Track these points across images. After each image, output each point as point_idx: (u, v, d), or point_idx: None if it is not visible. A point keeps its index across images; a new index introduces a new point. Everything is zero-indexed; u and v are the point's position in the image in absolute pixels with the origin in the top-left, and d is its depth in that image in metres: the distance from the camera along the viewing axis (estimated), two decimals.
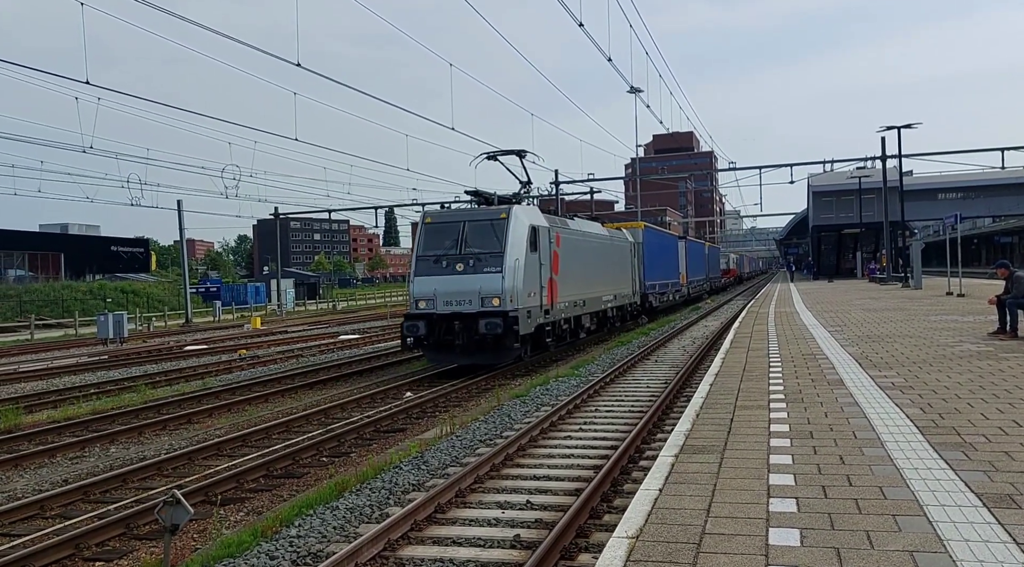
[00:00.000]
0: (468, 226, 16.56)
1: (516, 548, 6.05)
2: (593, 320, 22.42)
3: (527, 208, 17.94)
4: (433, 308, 16.13)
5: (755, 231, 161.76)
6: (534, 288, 16.82)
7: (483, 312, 15.68)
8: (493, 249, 16.16)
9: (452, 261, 16.29)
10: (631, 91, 39.70)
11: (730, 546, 3.96)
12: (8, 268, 59.92)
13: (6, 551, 6.71)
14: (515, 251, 16.14)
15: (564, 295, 18.97)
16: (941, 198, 61.95)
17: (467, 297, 15.91)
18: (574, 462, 8.67)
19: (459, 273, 16.14)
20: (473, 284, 15.92)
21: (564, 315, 19.09)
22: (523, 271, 16.16)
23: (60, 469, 9.91)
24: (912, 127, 38.17)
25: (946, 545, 3.83)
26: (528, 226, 16.79)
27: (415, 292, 16.42)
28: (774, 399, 8.13)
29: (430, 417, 12.43)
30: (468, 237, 16.41)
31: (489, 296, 15.73)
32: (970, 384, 8.43)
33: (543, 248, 17.55)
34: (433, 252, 16.57)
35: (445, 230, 16.75)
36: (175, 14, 15.87)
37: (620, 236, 26.96)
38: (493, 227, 16.39)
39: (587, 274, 21.45)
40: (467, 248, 16.33)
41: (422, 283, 16.36)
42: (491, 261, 16.02)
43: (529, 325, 16.41)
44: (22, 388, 17.96)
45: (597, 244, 23.08)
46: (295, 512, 6.99)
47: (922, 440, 6.00)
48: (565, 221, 20.72)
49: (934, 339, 13.14)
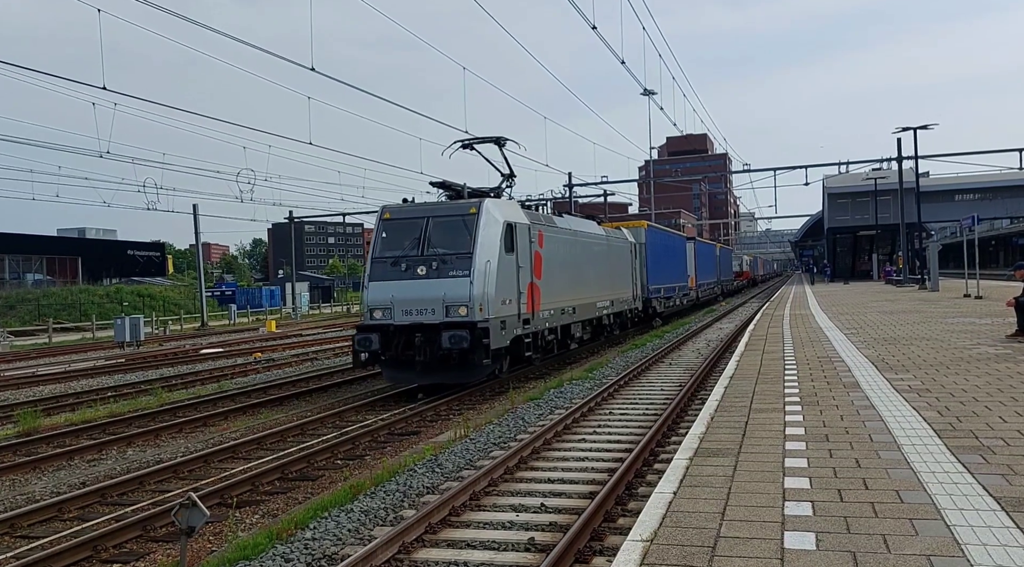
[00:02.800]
0: (432, 223, 14.50)
1: (530, 551, 6.05)
2: (586, 329, 20.60)
3: (502, 202, 15.86)
4: (390, 318, 14.12)
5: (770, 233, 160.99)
6: (510, 294, 14.82)
7: (447, 323, 13.70)
8: (460, 249, 14.10)
9: (413, 263, 14.22)
10: (645, 93, 39.64)
11: (745, 549, 3.94)
12: (26, 272, 60.56)
13: (25, 553, 6.78)
14: (486, 252, 14.11)
15: (548, 302, 16.98)
16: (958, 199, 61.44)
17: (429, 305, 13.90)
18: (588, 465, 8.66)
19: (420, 277, 14.10)
20: (436, 290, 13.91)
21: (549, 324, 17.12)
22: (496, 275, 14.16)
23: (78, 471, 10.00)
24: (928, 128, 37.90)
25: (964, 549, 3.80)
26: (502, 223, 14.70)
27: (368, 299, 14.43)
28: (789, 402, 8.09)
29: (444, 420, 12.45)
30: (432, 235, 14.38)
31: (455, 304, 13.76)
32: (988, 387, 8.35)
33: (522, 248, 15.49)
34: (391, 253, 14.53)
35: (405, 227, 14.70)
36: (191, 20, 16.00)
37: (619, 236, 24.99)
38: (461, 224, 14.37)
39: (578, 278, 19.45)
40: (430, 248, 14.28)
41: (377, 289, 14.34)
42: (458, 263, 14.00)
43: (503, 337, 14.45)
44: (40, 391, 18.14)
45: (590, 244, 21.04)
46: (310, 515, 7.02)
47: (939, 443, 5.95)
48: (551, 218, 18.65)
49: (951, 342, 13.03)
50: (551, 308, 17.16)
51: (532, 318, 15.92)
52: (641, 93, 39.62)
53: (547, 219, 18.03)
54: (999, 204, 62.02)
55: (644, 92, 38.96)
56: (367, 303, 14.48)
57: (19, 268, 60.49)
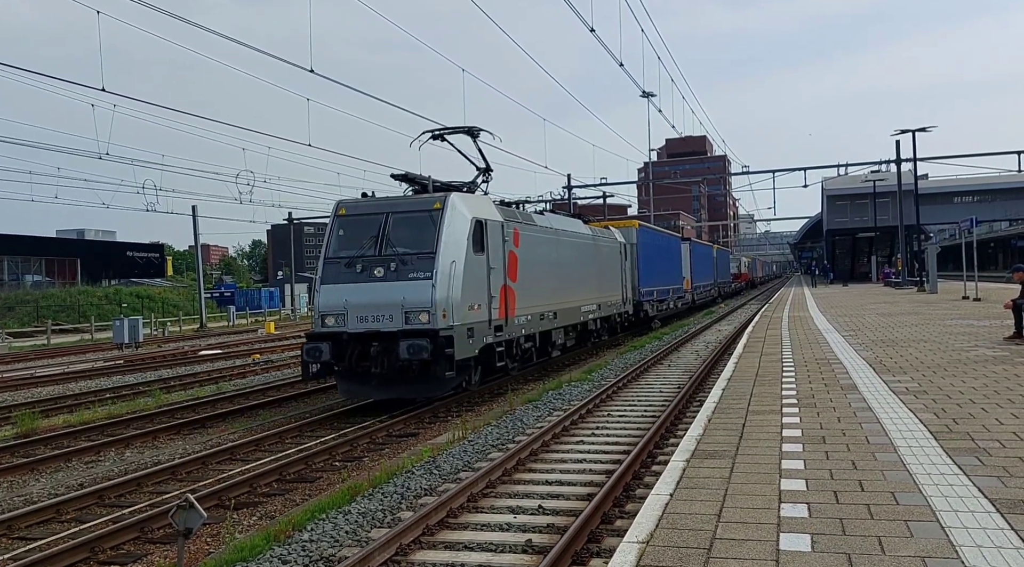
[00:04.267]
0: (392, 219, 13.14)
1: (528, 553, 6.06)
2: (570, 335, 19.34)
3: (471, 197, 14.40)
4: (343, 325, 12.76)
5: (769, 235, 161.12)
6: (479, 299, 13.50)
7: (406, 331, 12.38)
8: (422, 249, 12.78)
9: (369, 264, 12.88)
10: (643, 95, 39.71)
11: (741, 551, 3.96)
12: (25, 273, 60.53)
13: (23, 554, 6.78)
14: (451, 251, 12.80)
15: (525, 306, 15.70)
16: (957, 201, 61.53)
17: (386, 311, 12.56)
18: (586, 467, 8.66)
19: (378, 280, 12.76)
20: (394, 294, 12.57)
21: (525, 331, 15.84)
22: (462, 277, 12.83)
23: (76, 473, 10.00)
24: (927, 130, 37.95)
25: (959, 551, 3.81)
26: (470, 219, 13.36)
27: (320, 304, 13.08)
28: (787, 404, 8.11)
29: (442, 422, 12.46)
30: (391, 233, 13.03)
31: (415, 310, 12.45)
32: (985, 389, 8.37)
33: (493, 248, 14.14)
34: (346, 253, 13.19)
35: (362, 224, 13.33)
36: (190, 21, 16.03)
37: (607, 236, 23.68)
38: (423, 221, 13.01)
39: (560, 280, 18.18)
40: (389, 247, 12.95)
41: (329, 293, 13.01)
42: (419, 264, 12.67)
43: (470, 347, 13.14)
44: (39, 393, 18.14)
45: (575, 244, 19.70)
46: (308, 516, 7.02)
47: (935, 445, 5.96)
48: (529, 215, 17.34)
49: (949, 343, 13.05)
50: (528, 313, 15.94)
51: (505, 324, 14.65)
52: (640, 95, 39.69)
53: (525, 216, 16.80)
54: (998, 206, 62.11)
55: (643, 94, 39.03)
56: (318, 309, 13.12)
57: (18, 269, 60.47)
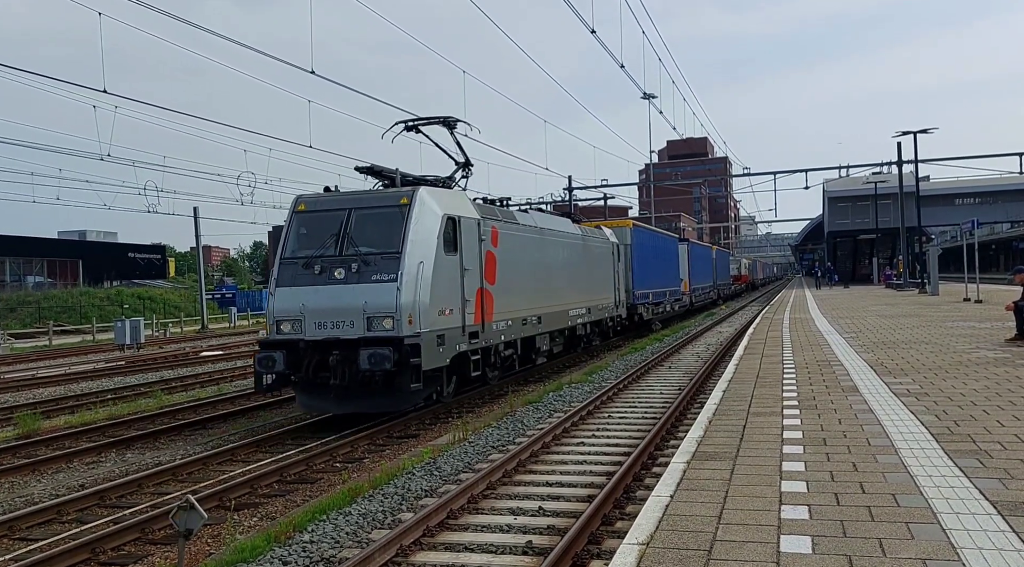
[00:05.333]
0: (355, 216, 12.10)
1: (528, 554, 6.06)
2: (556, 340, 18.40)
3: (442, 192, 13.30)
4: (299, 332, 11.72)
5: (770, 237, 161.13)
6: (451, 303, 12.48)
7: (368, 339, 11.31)
8: (387, 248, 11.73)
9: (329, 265, 11.84)
10: (644, 97, 39.73)
11: (741, 553, 3.95)
12: (27, 274, 60.59)
13: (24, 555, 6.79)
14: (419, 251, 11.77)
15: (504, 310, 14.64)
16: (958, 203, 61.52)
17: (347, 317, 11.51)
18: (587, 468, 8.66)
19: (338, 282, 11.71)
20: (356, 298, 11.51)
21: (505, 337, 14.77)
22: (431, 279, 11.82)
23: (77, 474, 10.01)
24: (928, 132, 37.96)
25: (960, 553, 3.81)
26: (441, 216, 12.32)
27: (275, 309, 12.01)
28: (787, 406, 8.10)
29: (443, 423, 12.46)
30: (354, 231, 12.01)
31: (378, 315, 11.40)
32: (986, 391, 8.37)
33: (468, 247, 13.13)
34: (304, 253, 12.15)
35: (322, 221, 12.30)
36: (192, 23, 16.04)
37: (599, 236, 22.60)
38: (389, 217, 11.99)
39: (545, 282, 17.18)
40: (351, 247, 11.90)
41: (285, 296, 11.94)
42: (383, 265, 11.63)
43: (440, 355, 12.13)
44: (40, 393, 18.15)
45: (562, 244, 18.63)
46: (308, 518, 7.02)
47: (936, 447, 5.96)
48: (511, 213, 16.21)
49: (950, 345, 13.04)
50: (508, 318, 14.87)
51: (482, 330, 13.62)
52: (641, 97, 39.72)
53: (505, 214, 15.75)
54: (999, 208, 62.08)
55: (644, 96, 39.06)
56: (272, 314, 12.07)
57: (20, 270, 60.52)
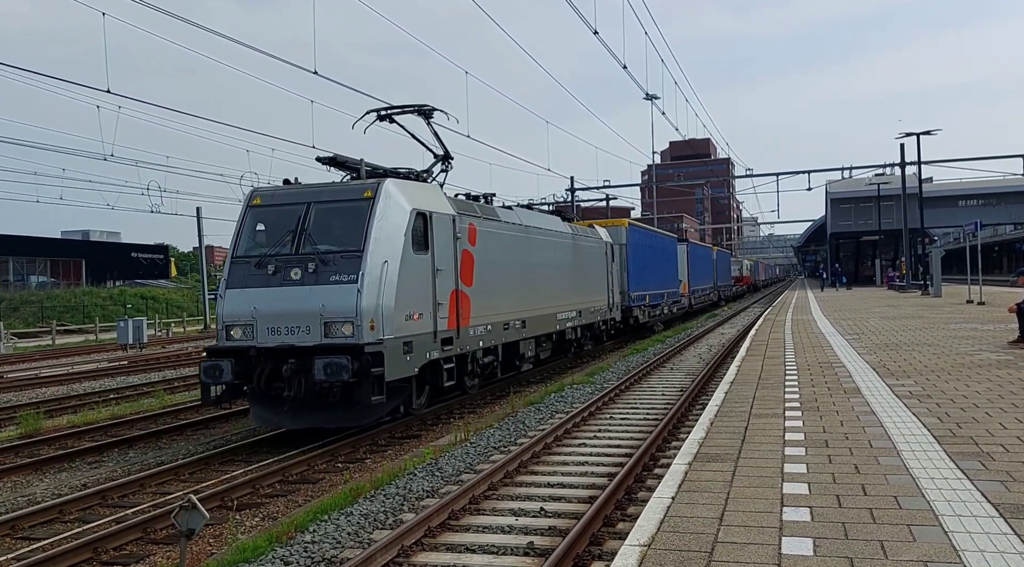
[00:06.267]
0: (314, 211, 11.11)
1: (529, 555, 6.06)
2: (543, 346, 17.38)
3: (412, 184, 12.18)
4: (251, 338, 10.70)
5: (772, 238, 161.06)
6: (420, 306, 11.47)
7: (325, 346, 10.29)
8: (348, 246, 10.71)
9: (284, 265, 10.80)
10: (647, 98, 39.71)
11: (742, 555, 3.95)
12: (31, 274, 60.71)
13: (26, 554, 6.80)
14: (384, 249, 10.75)
15: (483, 314, 13.65)
16: (961, 205, 61.49)
17: (303, 321, 10.49)
18: (588, 470, 8.66)
19: (293, 284, 10.68)
20: (312, 301, 10.49)
21: (484, 343, 13.78)
22: (397, 280, 10.80)
23: (79, 473, 10.02)
24: (931, 134, 37.93)
25: (961, 555, 3.80)
26: (409, 211, 11.30)
27: (224, 313, 10.96)
28: (789, 407, 8.10)
29: (444, 424, 12.46)
30: (313, 228, 10.99)
31: (337, 320, 10.39)
32: (989, 393, 8.36)
33: (441, 245, 12.11)
34: (258, 252, 11.14)
35: (279, 216, 11.28)
36: (195, 23, 16.06)
37: (591, 235, 21.55)
38: (351, 212, 10.98)
39: (530, 283, 16.15)
40: (309, 245, 10.88)
41: (236, 299, 10.90)
42: (343, 265, 10.60)
43: (408, 365, 11.08)
44: (43, 393, 18.18)
45: (550, 243, 17.62)
46: (310, 518, 7.03)
47: (939, 449, 5.95)
48: (492, 209, 15.12)
49: (953, 347, 13.03)
50: (487, 322, 13.89)
51: (457, 336, 12.58)
52: (643, 97, 39.71)
53: (485, 210, 14.62)
54: (1002, 210, 62.03)
55: (646, 96, 39.02)
56: (221, 318, 11.03)
57: (23, 270, 60.64)
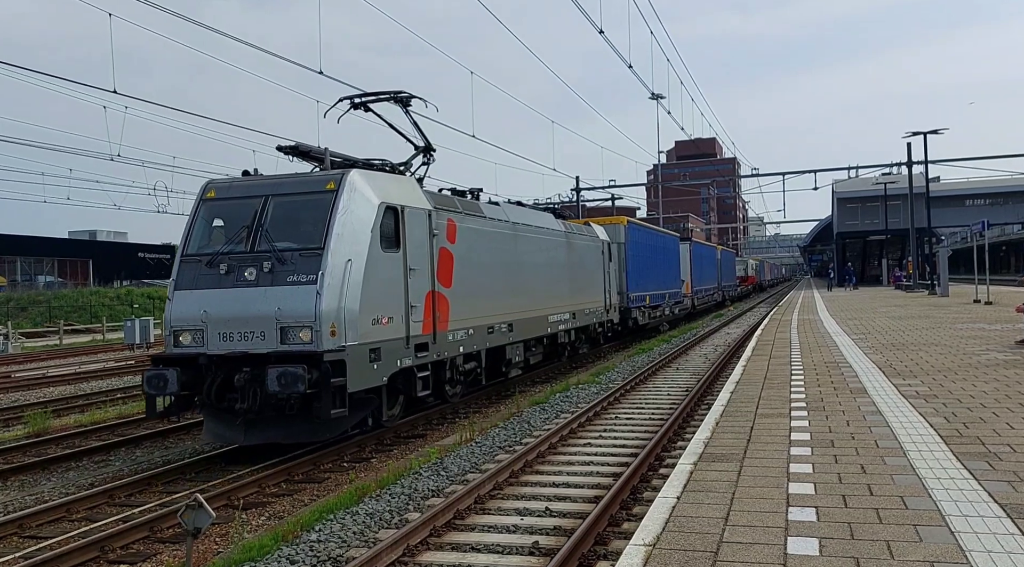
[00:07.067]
0: (272, 205, 10.12)
1: (534, 555, 6.06)
2: (533, 349, 16.49)
3: (381, 176, 11.11)
4: (201, 345, 9.74)
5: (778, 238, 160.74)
6: (390, 309, 10.46)
7: (281, 354, 9.28)
8: (307, 243, 9.75)
9: (238, 265, 9.82)
10: (652, 97, 39.69)
11: (748, 555, 3.94)
12: (38, 274, 60.97)
13: (33, 553, 6.83)
14: (347, 246, 9.76)
15: (464, 317, 12.67)
16: (969, 204, 61.26)
17: (257, 326, 9.50)
18: (593, 469, 8.66)
19: (247, 285, 9.68)
20: (267, 304, 9.50)
21: (465, 348, 12.79)
22: (362, 280, 9.81)
23: (86, 473, 10.05)
24: (938, 133, 37.77)
25: (968, 556, 3.79)
26: (377, 205, 10.31)
27: (171, 317, 9.98)
28: (795, 407, 8.08)
29: (450, 423, 12.47)
30: (270, 224, 10.00)
31: (294, 325, 9.40)
32: (996, 393, 8.32)
33: (415, 243, 11.17)
34: (210, 249, 10.15)
35: (234, 211, 10.29)
36: (201, 23, 16.10)
37: (587, 233, 20.55)
38: (312, 206, 10.00)
39: (517, 284, 15.16)
40: (266, 242, 9.86)
41: (185, 302, 9.92)
42: (302, 264, 9.60)
43: (376, 373, 10.09)
44: (50, 392, 18.25)
45: (540, 241, 16.67)
46: (316, 517, 7.04)
47: (945, 449, 5.93)
48: (475, 204, 14.03)
49: (960, 347, 12.98)
50: (470, 326, 12.91)
51: (433, 341, 11.60)
52: (649, 97, 39.66)
53: (467, 205, 13.53)
54: (1010, 209, 61.76)
55: (652, 96, 39.00)
56: (169, 322, 10.03)
57: (31, 270, 60.91)
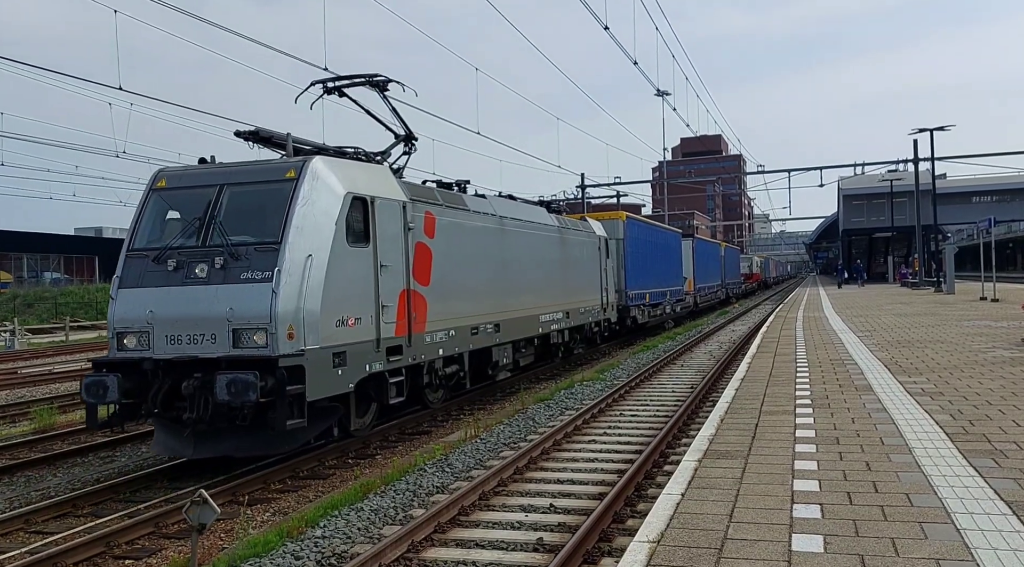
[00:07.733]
0: (227, 195, 9.22)
1: (539, 551, 6.06)
2: (523, 351, 15.62)
3: (348, 164, 10.11)
4: (146, 349, 8.87)
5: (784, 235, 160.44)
6: (357, 309, 9.56)
7: (233, 359, 8.39)
8: (263, 237, 8.84)
9: (188, 260, 8.94)
10: (658, 94, 39.62)
11: (752, 551, 3.94)
12: (44, 271, 61.17)
13: (39, 548, 6.86)
14: (307, 240, 8.85)
15: (444, 317, 11.80)
16: (975, 201, 61.00)
17: (208, 328, 8.62)
18: (598, 466, 8.66)
19: (198, 283, 8.80)
20: (219, 304, 8.62)
21: (445, 351, 11.93)
22: (324, 278, 8.92)
23: (92, 468, 10.09)
24: (945, 129, 37.63)
25: (974, 553, 3.78)
26: (343, 195, 9.41)
27: (115, 317, 9.09)
28: (800, 404, 8.07)
29: (455, 420, 12.48)
30: (224, 215, 9.09)
31: (247, 327, 8.52)
32: (1002, 390, 8.30)
33: (387, 237, 10.26)
34: (158, 244, 9.25)
35: (186, 201, 9.42)
36: (206, 20, 16.12)
37: (582, 228, 19.66)
38: (270, 196, 9.08)
39: (505, 282, 14.18)
40: (219, 235, 8.97)
41: (129, 301, 9.04)
42: (257, 260, 8.70)
43: (340, 379, 9.21)
44: (56, 388, 18.31)
45: (530, 236, 15.69)
46: (320, 513, 7.05)
47: (951, 447, 5.92)
48: (457, 197, 13.02)
49: (966, 345, 12.93)
50: (450, 326, 12.03)
51: (408, 344, 10.75)
52: (655, 94, 39.59)
53: (448, 197, 12.60)
54: (1017, 206, 61.50)
55: (658, 93, 38.93)
56: (112, 323, 9.14)
57: (37, 267, 61.11)
